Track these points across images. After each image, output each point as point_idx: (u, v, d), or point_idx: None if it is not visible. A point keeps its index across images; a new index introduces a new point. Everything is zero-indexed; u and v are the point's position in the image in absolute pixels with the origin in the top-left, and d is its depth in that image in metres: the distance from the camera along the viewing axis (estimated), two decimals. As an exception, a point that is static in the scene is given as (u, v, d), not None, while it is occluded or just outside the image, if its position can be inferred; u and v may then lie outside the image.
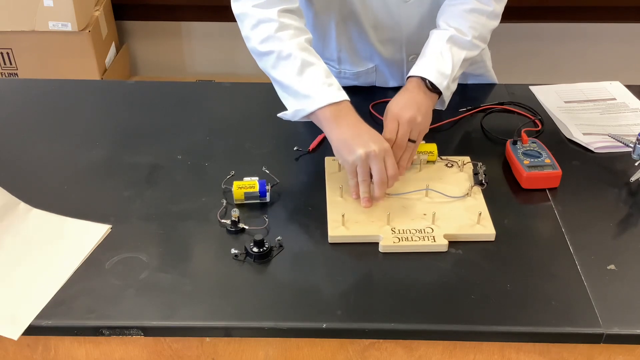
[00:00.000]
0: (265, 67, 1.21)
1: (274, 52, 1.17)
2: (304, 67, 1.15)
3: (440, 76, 1.22)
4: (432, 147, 1.23)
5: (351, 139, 1.11)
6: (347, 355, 1.00)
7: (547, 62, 2.86)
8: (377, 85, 1.52)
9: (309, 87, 1.14)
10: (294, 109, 1.17)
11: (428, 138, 1.26)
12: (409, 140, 1.17)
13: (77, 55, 2.45)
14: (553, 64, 2.86)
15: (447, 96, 1.26)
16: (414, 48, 1.42)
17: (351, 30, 1.40)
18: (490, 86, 1.55)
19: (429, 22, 1.36)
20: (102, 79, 2.52)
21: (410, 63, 1.45)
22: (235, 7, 1.22)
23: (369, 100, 1.44)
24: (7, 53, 2.45)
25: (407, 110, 1.17)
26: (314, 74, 1.15)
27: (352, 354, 0.99)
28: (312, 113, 1.14)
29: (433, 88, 1.23)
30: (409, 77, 1.25)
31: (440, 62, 1.24)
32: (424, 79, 1.22)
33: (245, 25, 1.21)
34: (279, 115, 1.20)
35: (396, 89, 1.26)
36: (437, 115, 1.40)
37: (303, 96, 1.15)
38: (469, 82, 1.55)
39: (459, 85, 1.52)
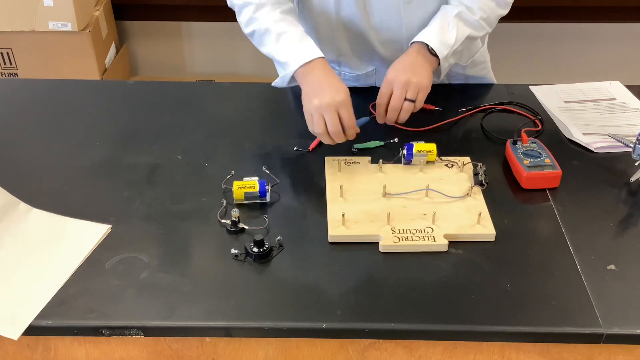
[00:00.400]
0: (256, 46, 1.32)
1: (255, 32, 1.29)
2: (279, 37, 1.25)
3: (441, 45, 1.27)
4: (432, 147, 1.23)
5: (311, 91, 1.19)
6: (347, 355, 1.00)
7: (547, 62, 2.86)
8: (377, 85, 1.52)
9: (284, 54, 1.25)
10: (280, 77, 1.28)
11: (428, 138, 1.27)
12: (408, 100, 1.23)
13: (77, 55, 2.45)
14: (553, 64, 2.86)
15: (444, 67, 1.30)
16: None
17: (352, 32, 1.41)
18: (490, 86, 1.55)
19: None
20: (102, 79, 2.52)
21: None
22: (228, 2, 1.34)
23: (369, 100, 1.44)
24: (7, 53, 2.45)
25: (401, 74, 1.23)
26: (287, 41, 1.25)
27: (352, 354, 0.99)
28: (292, 77, 1.24)
29: (433, 55, 1.27)
30: (413, 42, 1.29)
31: (444, 33, 1.28)
32: (426, 45, 1.27)
33: (237, 15, 1.33)
34: (272, 84, 1.31)
35: None
36: (437, 115, 1.40)
37: (282, 64, 1.25)
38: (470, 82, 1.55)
39: (459, 85, 1.53)
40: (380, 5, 1.35)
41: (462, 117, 1.40)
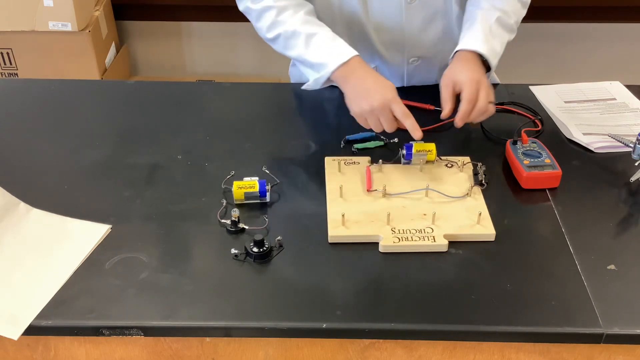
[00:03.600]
0: (279, 50, 1.31)
1: (280, 35, 1.27)
2: (309, 39, 1.25)
3: (491, 53, 1.27)
4: (431, 147, 1.23)
5: (358, 93, 1.19)
6: (347, 355, 1.00)
7: (547, 62, 2.86)
8: None
9: (318, 56, 1.24)
10: (313, 79, 1.26)
11: (428, 138, 1.27)
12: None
13: (77, 55, 2.45)
14: (553, 64, 2.86)
15: (489, 75, 1.30)
16: (415, 51, 1.42)
17: (352, 31, 1.40)
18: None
19: (432, 26, 1.36)
20: (102, 79, 2.52)
21: (411, 65, 1.46)
22: (239, 6, 1.31)
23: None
24: (7, 53, 2.45)
25: (482, 77, 1.22)
26: (319, 43, 1.24)
27: (352, 354, 0.99)
28: (327, 79, 1.24)
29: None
30: (462, 50, 1.27)
31: (491, 40, 1.27)
32: (478, 54, 1.26)
33: (252, 20, 1.32)
34: (303, 87, 1.30)
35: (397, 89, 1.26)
36: (437, 115, 1.40)
37: (316, 65, 1.24)
38: None
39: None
40: (380, 5, 1.34)
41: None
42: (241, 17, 1.37)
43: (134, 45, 2.87)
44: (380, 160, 1.22)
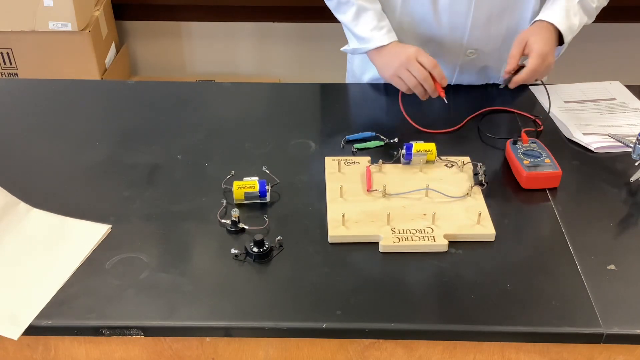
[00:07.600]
0: (332, 10, 1.42)
1: None
2: (359, 13, 1.36)
3: (568, 30, 1.33)
4: (431, 147, 1.23)
5: (388, 60, 1.33)
6: (347, 355, 1.00)
7: (547, 62, 2.86)
8: None
9: (363, 31, 1.37)
10: (352, 47, 1.42)
11: (428, 138, 1.27)
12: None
13: (77, 55, 2.45)
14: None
15: (560, 54, 1.38)
16: (475, 42, 1.43)
17: (415, 12, 1.40)
18: (491, 86, 1.55)
19: (498, 21, 1.39)
20: (102, 79, 2.52)
21: (466, 58, 1.46)
22: None
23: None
24: (7, 53, 2.45)
25: (550, 54, 1.31)
26: (367, 19, 1.36)
27: (352, 354, 0.99)
28: (364, 52, 1.38)
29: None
30: (542, 20, 1.33)
31: (570, 18, 1.33)
32: (555, 28, 1.32)
33: None
34: (341, 49, 1.44)
35: None
36: (442, 119, 1.40)
37: (359, 38, 1.38)
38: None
39: (459, 86, 1.53)
40: None
41: (466, 121, 1.40)
42: (241, 17, 1.37)
43: (134, 45, 2.87)
44: (380, 160, 1.22)
